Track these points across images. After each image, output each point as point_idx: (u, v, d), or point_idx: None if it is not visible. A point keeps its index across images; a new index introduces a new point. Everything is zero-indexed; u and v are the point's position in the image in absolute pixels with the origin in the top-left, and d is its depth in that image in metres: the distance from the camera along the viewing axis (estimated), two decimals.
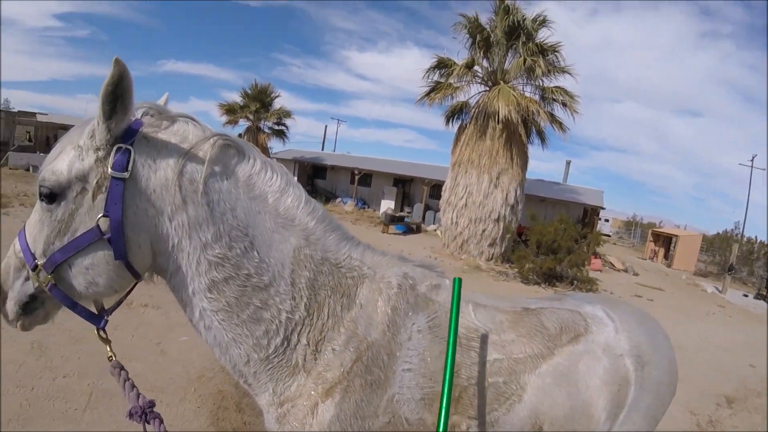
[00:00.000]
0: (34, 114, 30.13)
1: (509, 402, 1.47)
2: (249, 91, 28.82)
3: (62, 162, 1.24)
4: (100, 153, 1.22)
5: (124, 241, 1.21)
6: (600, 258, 19.55)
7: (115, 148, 1.20)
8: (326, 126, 63.81)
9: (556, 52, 15.94)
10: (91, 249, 1.22)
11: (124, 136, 1.22)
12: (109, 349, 1.42)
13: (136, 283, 1.39)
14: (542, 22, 15.90)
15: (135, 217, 1.23)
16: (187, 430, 3.79)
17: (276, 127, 29.50)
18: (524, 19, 15.54)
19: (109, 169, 1.19)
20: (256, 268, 1.31)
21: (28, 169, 24.67)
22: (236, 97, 29.37)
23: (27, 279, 1.28)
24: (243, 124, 28.76)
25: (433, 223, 23.76)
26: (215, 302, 1.30)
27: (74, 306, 1.28)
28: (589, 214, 23.54)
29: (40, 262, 1.24)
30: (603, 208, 23.94)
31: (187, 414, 4.02)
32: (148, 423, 1.25)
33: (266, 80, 30.47)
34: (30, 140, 29.86)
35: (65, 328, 5.24)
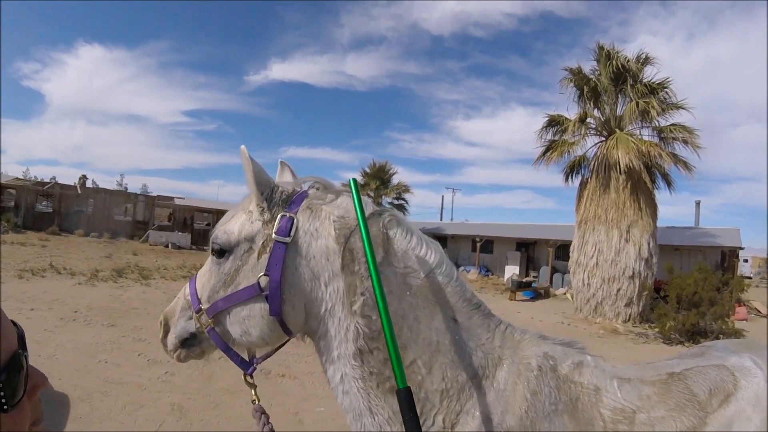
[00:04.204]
0: (172, 198, 34.93)
1: None
2: (368, 170, 30.67)
3: (234, 224, 1.41)
4: (266, 217, 1.36)
5: (280, 299, 1.31)
6: (744, 305, 17.05)
7: (279, 215, 1.34)
8: (443, 196, 65.15)
9: (666, 88, 15.03)
10: (250, 302, 1.34)
11: (290, 205, 1.37)
12: (254, 393, 1.49)
13: (287, 340, 1.46)
14: (645, 60, 15.25)
15: (292, 279, 1.33)
16: None
17: (396, 202, 30.68)
18: (627, 62, 15.02)
19: (273, 234, 1.32)
20: (404, 342, 1.31)
21: (167, 246, 28.21)
22: (356, 177, 31.06)
23: (190, 319, 1.44)
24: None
25: (562, 286, 22.36)
26: (358, 369, 1.32)
27: (228, 350, 1.41)
28: (728, 257, 20.69)
29: (204, 306, 1.40)
30: (742, 249, 21.05)
31: None
32: None
33: (381, 158, 32.33)
34: (169, 220, 34.23)
35: (205, 393, 5.75)
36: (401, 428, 1.27)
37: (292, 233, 1.32)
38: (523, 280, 21.95)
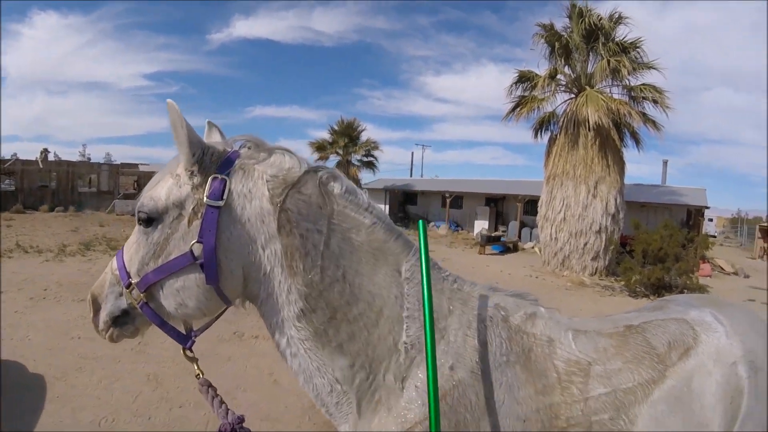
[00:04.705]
0: (136, 165, 33.94)
1: None
2: (336, 128, 30.02)
3: (161, 189, 1.32)
4: (195, 181, 1.28)
5: (217, 266, 1.25)
6: (708, 262, 17.72)
7: (211, 177, 1.27)
8: (413, 153, 65.42)
9: (638, 48, 15.06)
10: (183, 272, 1.27)
11: (221, 167, 1.29)
12: (196, 367, 1.45)
13: (225, 308, 1.41)
14: (618, 19, 15.19)
15: (228, 244, 1.26)
16: None
17: (365, 159, 30.38)
18: (600, 20, 14.93)
19: (205, 198, 1.25)
20: (347, 299, 1.29)
21: (134, 215, 27.56)
22: (324, 134, 30.52)
23: (120, 295, 1.35)
24: (333, 160, 29.76)
25: (531, 240, 22.90)
26: (303, 331, 1.29)
27: (163, 324, 1.34)
28: (693, 216, 21.47)
29: (134, 280, 1.30)
30: (707, 208, 21.77)
31: None
32: None
33: (350, 115, 31.37)
34: (135, 188, 33.51)
35: (179, 360, 5.66)
36: (350, 387, 1.30)
37: (224, 196, 1.26)
38: (492, 235, 22.39)
